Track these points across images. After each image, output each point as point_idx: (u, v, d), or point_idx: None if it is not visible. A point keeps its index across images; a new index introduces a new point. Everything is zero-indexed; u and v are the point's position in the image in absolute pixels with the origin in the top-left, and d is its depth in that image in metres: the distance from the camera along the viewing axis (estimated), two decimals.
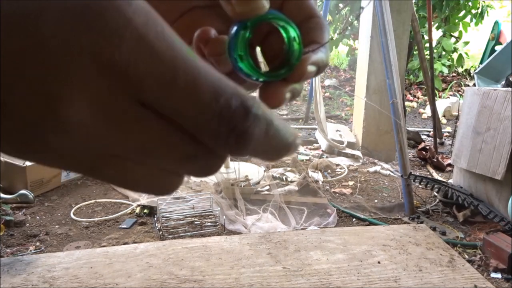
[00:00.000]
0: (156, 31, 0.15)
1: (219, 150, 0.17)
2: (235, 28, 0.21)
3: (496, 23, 6.50)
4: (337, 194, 2.68)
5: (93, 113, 0.15)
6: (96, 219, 2.24)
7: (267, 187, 2.65)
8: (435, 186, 2.55)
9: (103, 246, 1.83)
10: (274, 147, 0.18)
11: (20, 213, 2.28)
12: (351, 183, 2.88)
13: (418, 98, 6.43)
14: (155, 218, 2.20)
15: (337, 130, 3.79)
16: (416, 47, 4.51)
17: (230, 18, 0.21)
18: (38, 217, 2.26)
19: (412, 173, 2.55)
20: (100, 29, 0.14)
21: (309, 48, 0.23)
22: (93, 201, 2.46)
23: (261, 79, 0.22)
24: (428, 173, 3.24)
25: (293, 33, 0.22)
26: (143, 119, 0.16)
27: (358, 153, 3.39)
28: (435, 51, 6.46)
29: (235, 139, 0.16)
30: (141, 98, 0.15)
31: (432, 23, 4.51)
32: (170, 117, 0.16)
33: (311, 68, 0.23)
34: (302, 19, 0.24)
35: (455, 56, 7.10)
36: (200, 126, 0.16)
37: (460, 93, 6.39)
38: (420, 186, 2.77)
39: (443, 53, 6.91)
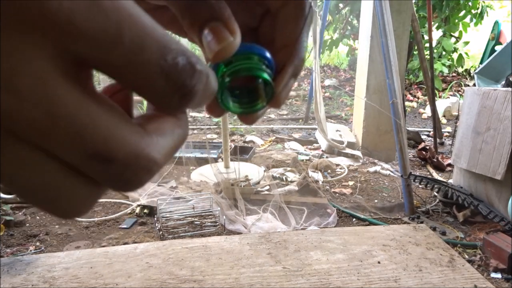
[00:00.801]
0: None
1: (163, 107, 0.16)
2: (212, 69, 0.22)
3: (496, 23, 6.50)
4: (337, 194, 2.68)
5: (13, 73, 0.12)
6: (96, 219, 2.24)
7: (267, 187, 2.65)
8: (435, 186, 2.55)
9: (103, 246, 1.83)
10: (207, 97, 0.18)
11: (20, 213, 2.28)
12: (351, 183, 2.88)
13: (418, 98, 6.43)
14: (155, 218, 2.20)
15: (337, 130, 3.79)
16: (416, 47, 4.51)
17: None
18: (38, 217, 2.26)
19: (412, 173, 2.55)
20: None
21: (283, 58, 0.23)
22: None
23: (240, 114, 0.24)
24: (428, 173, 3.24)
25: (266, 75, 0.22)
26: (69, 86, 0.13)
27: (358, 153, 3.39)
28: (435, 51, 6.46)
29: (179, 98, 0.16)
30: (77, 55, 0.13)
31: (432, 23, 4.51)
32: (109, 75, 0.14)
33: (289, 85, 0.23)
34: (280, 4, 0.23)
35: (455, 56, 7.10)
36: (144, 85, 0.15)
37: (460, 93, 6.39)
38: (420, 186, 2.77)
39: (443, 53, 6.91)
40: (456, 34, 7.03)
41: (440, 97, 6.23)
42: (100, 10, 0.13)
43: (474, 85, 3.95)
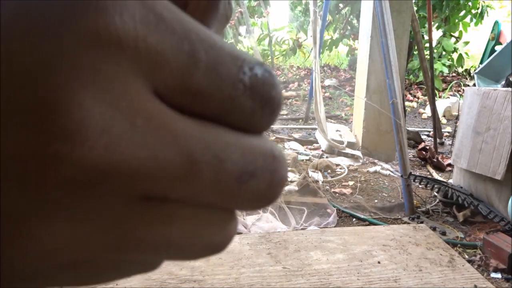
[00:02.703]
0: None
1: (254, 128, 0.14)
2: None
3: (496, 23, 6.51)
4: (337, 194, 2.68)
5: (113, 114, 0.10)
6: None
7: None
8: (435, 186, 2.55)
9: None
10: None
11: None
12: (351, 183, 2.88)
13: (418, 98, 6.43)
14: None
15: (337, 130, 3.79)
16: (416, 47, 4.51)
17: None
18: None
19: (412, 173, 2.55)
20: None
21: None
22: None
23: None
24: (428, 173, 3.24)
25: None
26: (171, 118, 0.11)
27: (358, 153, 3.39)
28: (435, 51, 6.47)
29: (269, 113, 0.13)
30: (157, 84, 0.11)
31: (432, 23, 4.51)
32: (189, 107, 0.12)
33: None
34: None
35: (455, 56, 7.11)
36: (229, 107, 0.12)
37: (460, 93, 6.39)
38: (420, 186, 2.77)
39: (443, 53, 6.91)
40: (456, 34, 7.04)
41: (440, 97, 6.23)
42: (168, 26, 0.11)
43: (474, 85, 3.95)
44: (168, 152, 0.11)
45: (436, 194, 2.67)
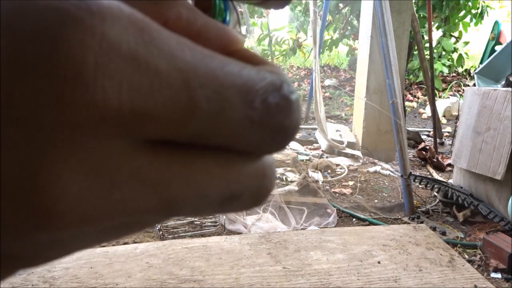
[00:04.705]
0: (145, 42, 0.10)
1: (262, 153, 0.13)
2: None
3: (496, 23, 6.51)
4: (337, 194, 2.68)
5: (93, 180, 0.10)
6: None
7: None
8: (435, 186, 2.55)
9: (103, 246, 1.83)
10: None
11: None
12: (351, 183, 2.88)
13: (418, 98, 6.43)
14: None
15: (337, 130, 3.79)
16: (416, 47, 4.51)
17: None
18: None
19: (412, 173, 2.55)
20: (58, 61, 0.09)
21: None
22: None
23: None
24: (428, 173, 3.24)
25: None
26: (157, 162, 0.11)
27: (358, 153, 3.39)
28: (435, 51, 6.47)
29: (280, 140, 0.13)
30: (147, 136, 0.11)
31: (432, 23, 4.52)
32: (189, 141, 0.12)
33: None
34: None
35: (455, 56, 7.11)
36: (235, 141, 0.12)
37: (460, 93, 6.39)
38: (420, 186, 2.77)
39: (443, 53, 6.91)
40: (456, 34, 7.04)
41: (440, 97, 6.23)
42: (162, 83, 0.10)
43: (474, 85, 3.95)
44: (147, 200, 0.11)
45: (436, 194, 2.67)
